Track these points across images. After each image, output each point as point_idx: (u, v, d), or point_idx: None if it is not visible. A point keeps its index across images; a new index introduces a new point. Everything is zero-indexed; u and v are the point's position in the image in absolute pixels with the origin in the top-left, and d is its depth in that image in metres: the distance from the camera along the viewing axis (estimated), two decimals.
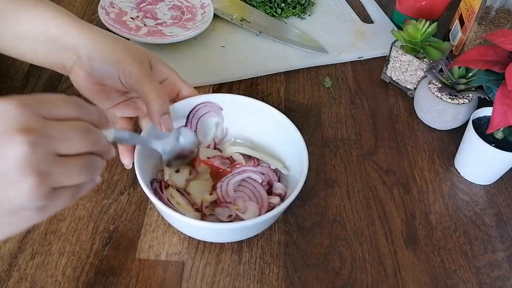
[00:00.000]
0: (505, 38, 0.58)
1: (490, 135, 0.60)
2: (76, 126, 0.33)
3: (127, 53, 0.47)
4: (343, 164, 0.63)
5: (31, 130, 0.30)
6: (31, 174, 0.29)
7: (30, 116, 0.30)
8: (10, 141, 0.29)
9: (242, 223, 0.46)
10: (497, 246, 0.57)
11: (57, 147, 0.31)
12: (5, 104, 0.29)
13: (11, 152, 0.29)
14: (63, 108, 0.32)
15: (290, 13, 0.86)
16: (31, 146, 0.29)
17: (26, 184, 0.29)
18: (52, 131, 0.31)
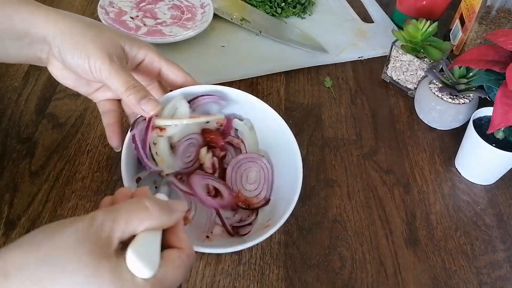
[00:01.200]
0: (505, 37, 0.58)
1: (491, 135, 0.60)
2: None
3: (97, 45, 0.46)
4: (344, 164, 0.63)
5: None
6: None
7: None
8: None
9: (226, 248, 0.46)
10: (497, 246, 0.57)
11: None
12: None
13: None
14: (179, 277, 0.34)
15: (290, 13, 0.86)
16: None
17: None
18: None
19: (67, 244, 0.29)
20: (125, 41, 0.49)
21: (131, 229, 0.32)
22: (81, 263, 0.29)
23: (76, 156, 0.58)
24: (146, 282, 0.31)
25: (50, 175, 0.56)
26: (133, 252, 0.31)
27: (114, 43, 0.48)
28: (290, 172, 0.53)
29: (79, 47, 0.46)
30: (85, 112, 0.64)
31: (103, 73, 0.46)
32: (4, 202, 0.52)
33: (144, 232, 0.33)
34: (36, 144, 0.59)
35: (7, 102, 0.64)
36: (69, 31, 0.46)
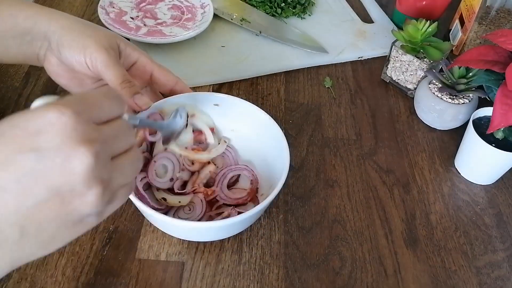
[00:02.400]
0: (505, 38, 0.58)
1: (491, 135, 0.60)
2: (122, 126, 0.33)
3: (94, 39, 0.48)
4: (343, 164, 0.63)
5: (92, 141, 0.29)
6: (96, 184, 0.29)
7: (87, 126, 0.29)
8: (75, 154, 0.28)
9: (223, 221, 0.47)
10: (497, 246, 0.57)
11: (112, 151, 0.31)
12: (60, 115, 0.28)
13: (77, 166, 0.28)
14: (108, 109, 0.32)
15: (290, 13, 0.86)
16: (95, 157, 0.29)
17: (92, 195, 0.29)
18: (106, 137, 0.31)
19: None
20: (120, 40, 0.51)
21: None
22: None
23: None
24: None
25: None
26: (39, 99, 0.31)
27: (110, 39, 0.50)
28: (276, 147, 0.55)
29: (76, 39, 0.48)
30: None
31: (99, 64, 0.47)
32: None
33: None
34: None
35: (7, 102, 0.64)
36: (69, 26, 0.48)
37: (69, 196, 0.29)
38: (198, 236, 0.51)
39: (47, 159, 0.28)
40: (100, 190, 0.29)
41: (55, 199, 0.28)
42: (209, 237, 0.52)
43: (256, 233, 0.54)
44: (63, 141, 0.28)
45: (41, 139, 0.28)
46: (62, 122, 0.28)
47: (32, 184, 0.28)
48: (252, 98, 0.70)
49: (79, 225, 0.31)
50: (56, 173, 0.28)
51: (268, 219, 0.56)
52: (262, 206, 0.47)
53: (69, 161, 0.28)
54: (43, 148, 0.28)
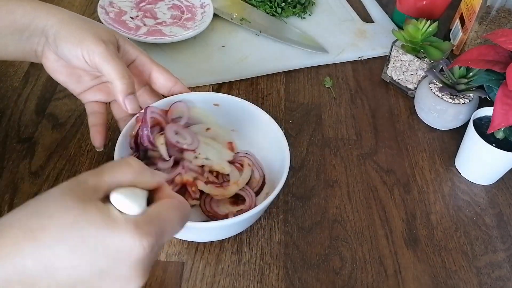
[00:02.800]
0: (505, 37, 0.58)
1: (491, 135, 0.59)
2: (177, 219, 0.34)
3: (92, 32, 0.47)
4: (344, 164, 0.63)
5: (152, 247, 0.30)
6: (144, 275, 0.31)
7: (153, 245, 0.31)
8: (133, 282, 0.30)
9: (224, 222, 0.47)
10: (498, 246, 0.57)
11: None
12: (138, 248, 0.30)
13: (134, 280, 0.30)
14: (177, 227, 0.34)
15: (290, 13, 0.86)
16: (150, 253, 0.30)
17: (138, 283, 0.31)
18: (162, 234, 0.32)
19: (53, 196, 0.30)
20: (120, 37, 0.51)
21: (115, 181, 0.32)
22: (68, 207, 0.29)
23: (76, 156, 0.58)
24: (138, 218, 0.31)
25: (50, 175, 0.56)
26: (119, 192, 0.32)
27: (109, 33, 0.49)
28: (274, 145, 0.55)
29: (73, 33, 0.47)
30: (85, 112, 0.64)
31: (96, 57, 0.46)
32: (4, 202, 0.52)
33: (129, 186, 0.33)
34: (36, 144, 0.59)
35: (7, 102, 0.64)
36: (67, 21, 0.48)
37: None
38: (198, 236, 0.51)
39: (108, 278, 0.29)
40: (145, 279, 0.31)
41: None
42: (209, 237, 0.51)
43: (256, 233, 0.54)
44: (129, 272, 0.30)
45: (111, 264, 0.29)
46: (136, 256, 0.30)
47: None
48: (252, 98, 0.70)
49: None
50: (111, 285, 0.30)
51: (268, 219, 0.55)
52: (262, 206, 0.47)
53: (125, 286, 0.30)
54: (110, 272, 0.29)
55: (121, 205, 0.31)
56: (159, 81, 0.54)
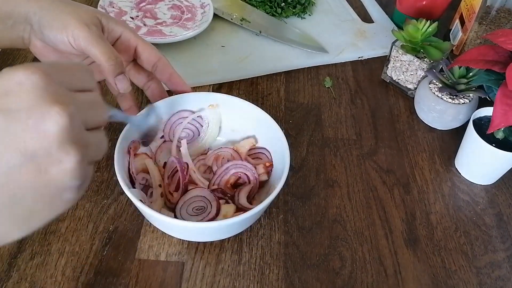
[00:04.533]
0: (505, 37, 0.58)
1: (491, 135, 0.60)
2: (96, 99, 0.31)
3: (75, 16, 0.47)
4: (343, 164, 0.63)
5: (65, 102, 0.27)
6: (73, 149, 0.27)
7: (59, 87, 0.28)
8: (48, 114, 0.26)
9: (225, 221, 0.47)
10: (497, 246, 0.57)
11: (85, 119, 0.29)
12: (29, 75, 0.26)
13: (51, 126, 0.26)
14: (80, 78, 0.31)
15: (290, 13, 0.86)
16: (69, 119, 0.27)
17: (70, 161, 0.27)
18: (79, 103, 0.29)
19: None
20: (102, 15, 0.50)
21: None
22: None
23: None
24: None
25: None
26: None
27: (91, 15, 0.49)
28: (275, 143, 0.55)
29: (57, 18, 0.47)
30: None
31: (82, 42, 0.46)
32: None
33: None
34: None
35: None
36: (48, 7, 0.47)
37: (45, 162, 0.26)
38: (198, 236, 0.51)
39: (18, 120, 0.26)
40: (77, 156, 0.27)
41: (29, 165, 0.26)
42: (208, 237, 0.51)
43: (256, 233, 0.54)
44: (34, 100, 0.26)
45: (9, 100, 0.26)
46: (32, 82, 0.26)
47: (3, 148, 0.26)
48: (252, 98, 0.70)
49: (57, 201, 0.28)
50: (29, 136, 0.26)
51: (268, 219, 0.56)
52: (262, 206, 0.47)
53: (42, 122, 0.26)
54: (12, 109, 0.26)
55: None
56: (143, 55, 0.53)
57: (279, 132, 0.55)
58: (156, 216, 0.45)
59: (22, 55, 0.71)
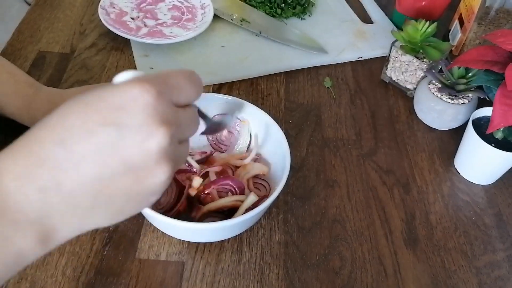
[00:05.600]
0: (504, 38, 0.58)
1: (490, 135, 0.60)
2: (194, 116, 0.34)
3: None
4: (343, 164, 0.63)
5: (170, 123, 0.30)
6: (168, 165, 0.30)
7: (168, 107, 0.30)
8: (154, 134, 0.29)
9: (224, 222, 0.47)
10: (497, 246, 0.57)
11: (181, 137, 0.32)
12: (144, 93, 0.29)
13: (154, 145, 0.29)
14: (188, 93, 0.32)
15: (290, 13, 0.86)
16: (170, 139, 0.30)
17: (163, 175, 0.30)
18: (181, 122, 0.31)
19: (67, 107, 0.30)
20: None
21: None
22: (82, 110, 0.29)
23: None
24: (139, 76, 0.31)
25: None
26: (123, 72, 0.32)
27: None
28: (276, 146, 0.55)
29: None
30: None
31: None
32: None
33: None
34: None
35: None
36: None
37: (143, 174, 0.29)
38: (198, 237, 0.51)
39: (128, 135, 0.29)
40: (169, 171, 0.30)
41: (130, 174, 0.29)
42: (208, 238, 0.52)
43: (256, 233, 0.54)
44: (144, 119, 0.29)
45: (124, 115, 0.29)
46: (145, 101, 0.29)
47: (111, 157, 0.29)
48: (252, 98, 0.70)
49: (144, 202, 0.32)
50: (134, 150, 0.29)
51: (268, 219, 0.56)
52: (263, 207, 0.47)
53: (147, 140, 0.29)
54: (124, 124, 0.28)
55: (123, 77, 0.32)
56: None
57: (279, 132, 0.55)
58: (156, 217, 0.45)
59: (23, 55, 0.71)
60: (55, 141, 0.28)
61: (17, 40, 0.74)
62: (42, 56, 0.72)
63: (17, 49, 0.72)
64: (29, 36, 0.75)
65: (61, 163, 0.28)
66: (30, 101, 0.55)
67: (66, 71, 0.70)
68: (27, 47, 0.73)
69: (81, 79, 0.69)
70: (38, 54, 0.72)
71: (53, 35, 0.76)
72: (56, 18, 0.79)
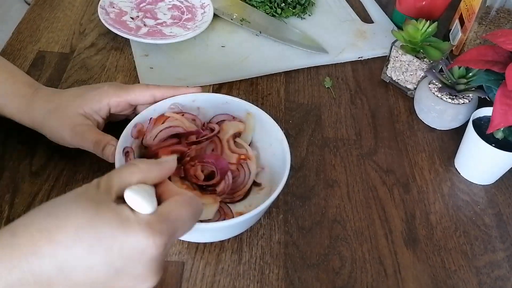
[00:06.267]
0: (505, 38, 0.58)
1: (490, 135, 0.60)
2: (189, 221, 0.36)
3: (57, 118, 0.53)
4: (343, 164, 0.63)
5: (164, 245, 0.32)
6: (158, 273, 0.33)
7: (167, 251, 0.33)
8: (148, 280, 0.32)
9: (224, 223, 0.47)
10: (497, 246, 0.57)
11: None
12: (151, 248, 0.31)
13: (149, 279, 0.32)
14: (189, 227, 0.36)
15: (290, 13, 0.86)
16: (163, 251, 0.32)
17: (153, 281, 0.32)
18: (174, 232, 0.33)
19: (67, 199, 0.31)
20: (83, 107, 0.53)
21: (125, 181, 0.33)
22: (82, 208, 0.30)
23: (77, 156, 0.58)
24: (150, 217, 0.32)
25: (50, 175, 0.56)
26: (131, 191, 0.33)
27: (73, 119, 0.53)
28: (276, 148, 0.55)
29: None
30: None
31: (74, 144, 0.53)
32: (4, 202, 0.53)
33: (138, 184, 0.34)
34: (37, 144, 0.59)
35: None
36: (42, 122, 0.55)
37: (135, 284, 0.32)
38: (198, 237, 0.51)
39: (123, 279, 0.31)
40: (159, 276, 0.33)
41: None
42: (209, 238, 0.52)
43: (256, 233, 0.54)
44: (145, 272, 0.31)
45: (129, 265, 0.31)
46: (151, 256, 0.31)
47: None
48: (252, 98, 0.70)
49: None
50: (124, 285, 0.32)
51: (268, 219, 0.56)
52: (263, 207, 0.47)
53: (140, 284, 0.32)
54: (127, 273, 0.31)
55: (134, 203, 0.32)
56: (139, 101, 0.55)
57: (280, 132, 0.55)
58: None
59: (22, 55, 0.71)
60: (53, 266, 0.29)
61: (17, 40, 0.74)
62: (42, 56, 0.71)
63: (16, 49, 0.72)
64: (29, 36, 0.75)
65: (55, 282, 0.29)
66: (30, 101, 0.55)
67: (66, 71, 0.70)
68: (27, 47, 0.73)
69: (80, 79, 0.69)
70: (37, 54, 0.72)
71: (53, 35, 0.76)
72: (56, 18, 0.79)
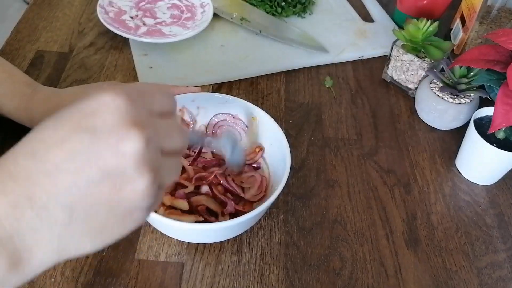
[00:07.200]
0: (506, 37, 0.58)
1: (492, 135, 0.59)
2: (175, 125, 0.33)
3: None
4: (344, 164, 0.63)
5: (144, 126, 0.29)
6: (147, 171, 0.28)
7: (140, 110, 0.29)
8: (127, 136, 0.28)
9: (224, 223, 0.46)
10: (498, 247, 0.56)
11: (162, 144, 0.31)
12: (115, 97, 0.28)
13: (128, 148, 0.28)
14: (160, 102, 0.32)
15: (290, 12, 0.86)
16: (146, 142, 0.28)
17: (142, 182, 0.28)
18: (158, 127, 0.30)
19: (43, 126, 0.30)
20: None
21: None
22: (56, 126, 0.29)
23: None
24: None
25: None
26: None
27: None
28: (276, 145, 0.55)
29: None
30: None
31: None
32: None
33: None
34: None
35: None
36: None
37: (120, 180, 0.28)
38: (197, 238, 0.51)
39: (101, 139, 0.28)
40: (150, 178, 0.29)
41: (106, 181, 0.28)
42: (208, 239, 0.51)
43: (256, 233, 0.54)
44: (116, 122, 0.28)
45: (95, 120, 0.28)
46: (116, 104, 0.28)
47: (85, 164, 0.27)
48: (252, 98, 0.70)
49: (128, 218, 0.30)
50: (109, 154, 0.28)
51: (268, 220, 0.55)
52: (263, 207, 0.47)
53: (121, 142, 0.28)
54: (97, 129, 0.28)
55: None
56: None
57: (280, 132, 0.54)
58: (154, 217, 0.45)
59: (21, 54, 0.71)
60: (27, 153, 0.27)
61: (15, 40, 0.73)
62: (41, 56, 0.71)
63: (15, 49, 0.72)
64: (27, 36, 0.74)
65: (33, 175, 0.27)
66: (28, 100, 0.55)
67: (65, 70, 0.69)
68: (25, 47, 0.72)
69: (79, 78, 0.68)
70: (36, 53, 0.71)
71: (52, 34, 0.75)
72: (55, 17, 0.79)
